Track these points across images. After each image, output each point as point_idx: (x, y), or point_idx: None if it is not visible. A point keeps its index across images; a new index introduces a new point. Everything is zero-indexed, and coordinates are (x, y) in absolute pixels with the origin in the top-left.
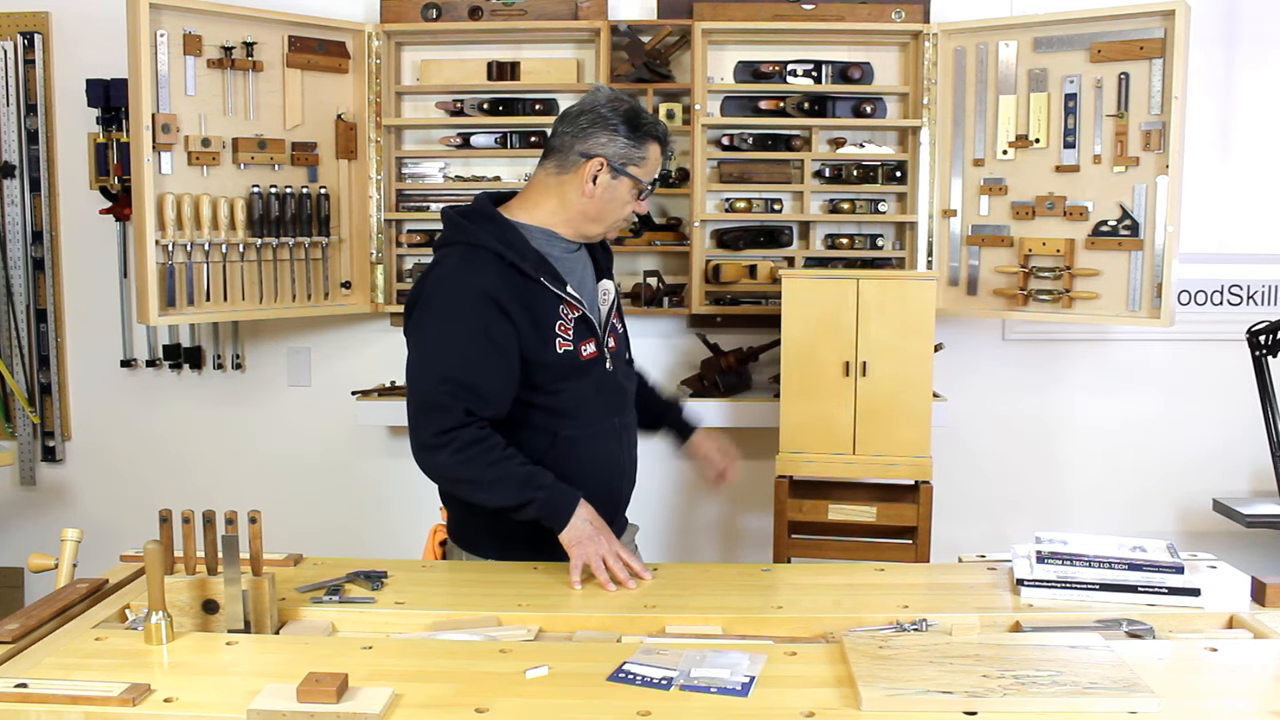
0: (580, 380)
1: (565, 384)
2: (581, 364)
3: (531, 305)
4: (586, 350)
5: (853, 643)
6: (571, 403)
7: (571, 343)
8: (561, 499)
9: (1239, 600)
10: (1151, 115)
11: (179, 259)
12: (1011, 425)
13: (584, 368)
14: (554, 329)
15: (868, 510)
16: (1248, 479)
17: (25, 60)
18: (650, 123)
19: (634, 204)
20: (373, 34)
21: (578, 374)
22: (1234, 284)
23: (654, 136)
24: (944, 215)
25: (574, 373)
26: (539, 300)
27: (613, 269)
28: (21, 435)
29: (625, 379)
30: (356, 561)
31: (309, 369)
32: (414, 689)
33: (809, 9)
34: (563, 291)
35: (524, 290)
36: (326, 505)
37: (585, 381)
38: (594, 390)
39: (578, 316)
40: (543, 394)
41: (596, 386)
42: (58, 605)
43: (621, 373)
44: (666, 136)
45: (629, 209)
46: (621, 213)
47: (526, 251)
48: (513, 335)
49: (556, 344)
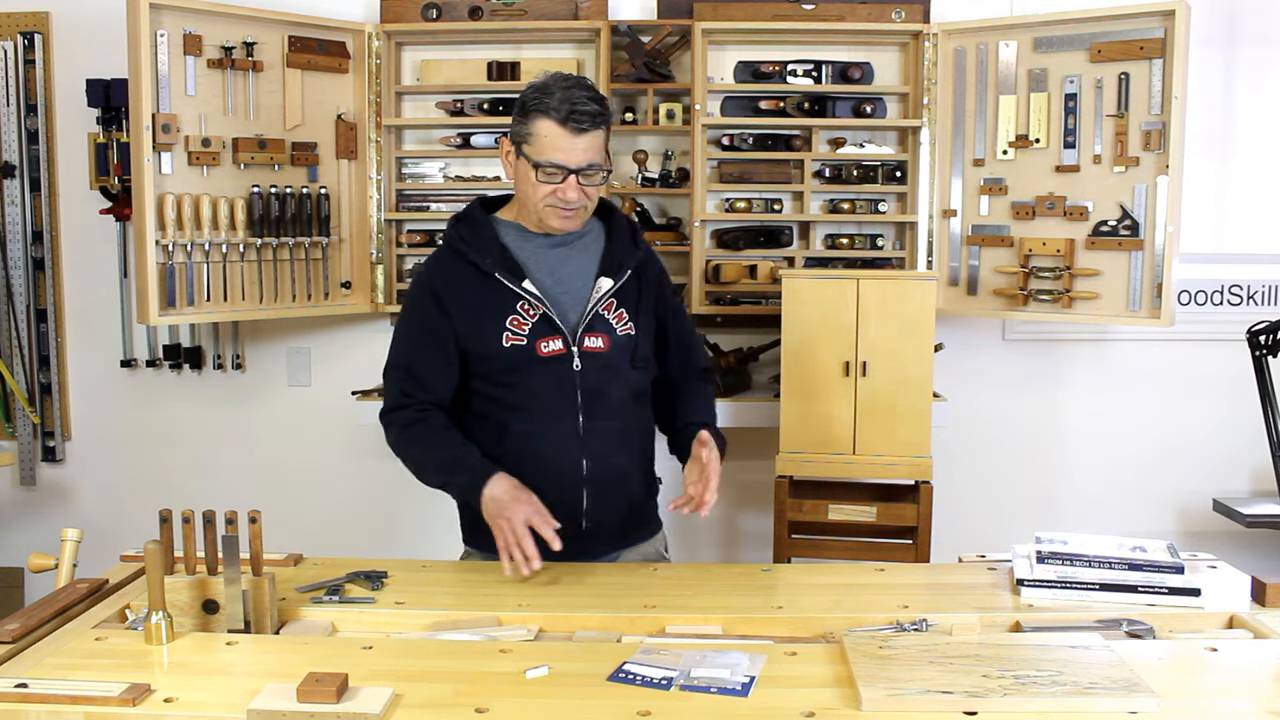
0: (533, 376)
1: (513, 377)
2: (537, 359)
3: (479, 300)
4: (547, 347)
5: (853, 643)
6: (522, 397)
7: (525, 337)
8: (479, 477)
9: (1239, 600)
10: (1151, 115)
11: (179, 259)
12: (1011, 425)
13: (540, 363)
14: (505, 322)
15: (868, 510)
16: (1248, 479)
17: (25, 60)
18: (536, 98)
19: (547, 187)
20: (373, 34)
21: (530, 369)
22: (1234, 284)
23: (540, 111)
24: (944, 215)
25: (524, 367)
26: (491, 294)
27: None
28: (21, 435)
29: (609, 381)
30: (356, 561)
31: (309, 369)
32: (414, 689)
33: (809, 9)
34: (518, 287)
35: (476, 285)
36: (326, 505)
37: (540, 378)
38: (553, 388)
39: (538, 313)
40: (490, 384)
41: (558, 384)
42: (58, 605)
43: (600, 374)
44: (564, 115)
45: (542, 192)
46: (535, 196)
47: (488, 249)
48: (449, 328)
49: (504, 337)
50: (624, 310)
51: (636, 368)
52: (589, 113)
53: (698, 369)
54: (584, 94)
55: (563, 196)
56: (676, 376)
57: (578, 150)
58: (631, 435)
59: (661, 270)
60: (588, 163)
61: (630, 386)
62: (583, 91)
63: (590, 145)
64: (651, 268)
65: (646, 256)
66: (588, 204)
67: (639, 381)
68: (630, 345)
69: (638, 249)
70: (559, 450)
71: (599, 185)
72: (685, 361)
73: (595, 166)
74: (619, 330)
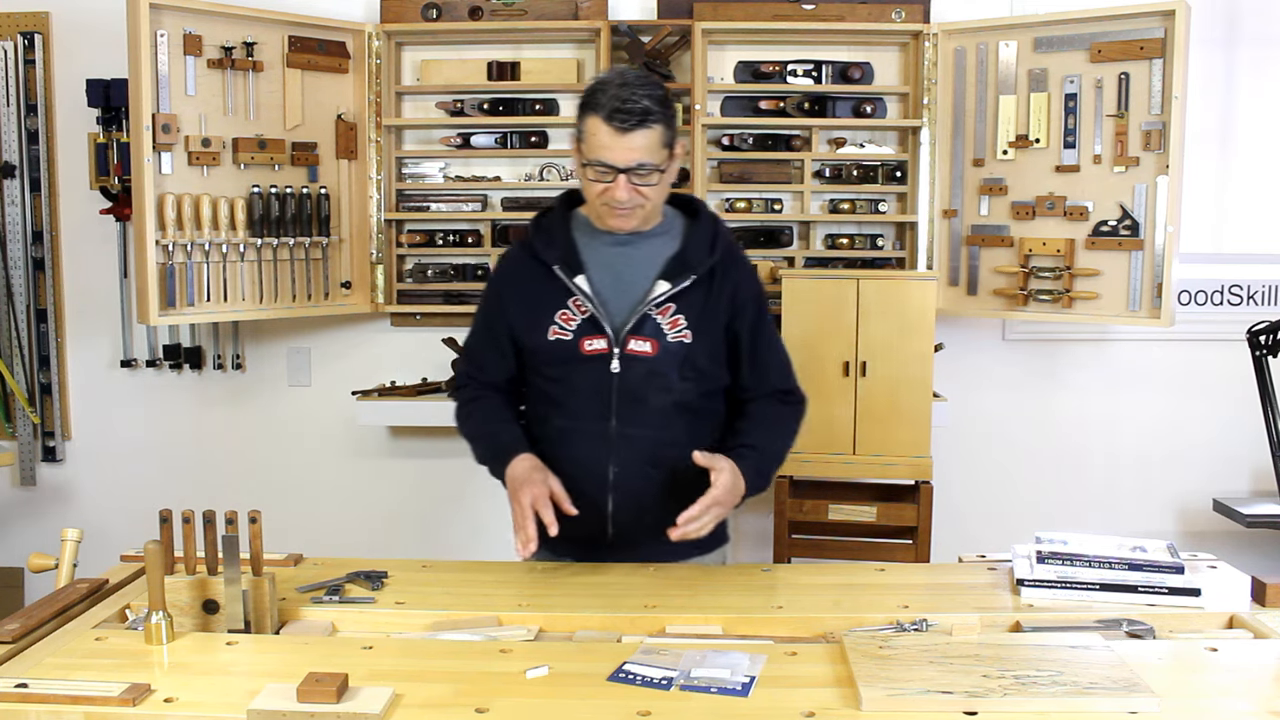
0: (574, 373)
1: (557, 372)
2: (579, 356)
3: (537, 292)
4: (591, 345)
5: (853, 643)
6: (563, 393)
7: (571, 333)
8: (506, 456)
9: (1239, 600)
10: (1151, 115)
11: (179, 259)
12: (1011, 425)
13: (582, 361)
14: (555, 316)
15: (868, 510)
16: (1248, 479)
17: (25, 60)
18: (589, 95)
19: (599, 185)
20: (373, 34)
21: (572, 366)
22: (1234, 284)
23: (590, 108)
24: (944, 215)
25: (567, 363)
26: (549, 287)
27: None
28: (21, 435)
29: (650, 388)
30: (356, 561)
31: (309, 369)
32: (414, 689)
33: (809, 9)
34: (571, 281)
35: (537, 278)
36: (326, 505)
37: (581, 376)
38: (591, 388)
39: (587, 309)
40: (540, 378)
41: (595, 385)
42: (58, 605)
43: (642, 380)
44: (609, 112)
45: (595, 191)
46: (590, 194)
47: (555, 240)
48: (504, 318)
49: (550, 331)
50: (681, 317)
51: (686, 378)
52: (636, 110)
53: (772, 390)
54: (639, 91)
55: (612, 196)
56: (746, 395)
57: (624, 149)
58: (670, 447)
59: (746, 282)
60: (637, 162)
61: (675, 396)
62: (638, 89)
63: (639, 144)
64: (730, 277)
65: (725, 264)
66: (644, 203)
67: (688, 392)
68: (681, 354)
69: (712, 254)
70: (587, 452)
71: (654, 185)
72: (758, 381)
73: (647, 166)
74: (670, 337)
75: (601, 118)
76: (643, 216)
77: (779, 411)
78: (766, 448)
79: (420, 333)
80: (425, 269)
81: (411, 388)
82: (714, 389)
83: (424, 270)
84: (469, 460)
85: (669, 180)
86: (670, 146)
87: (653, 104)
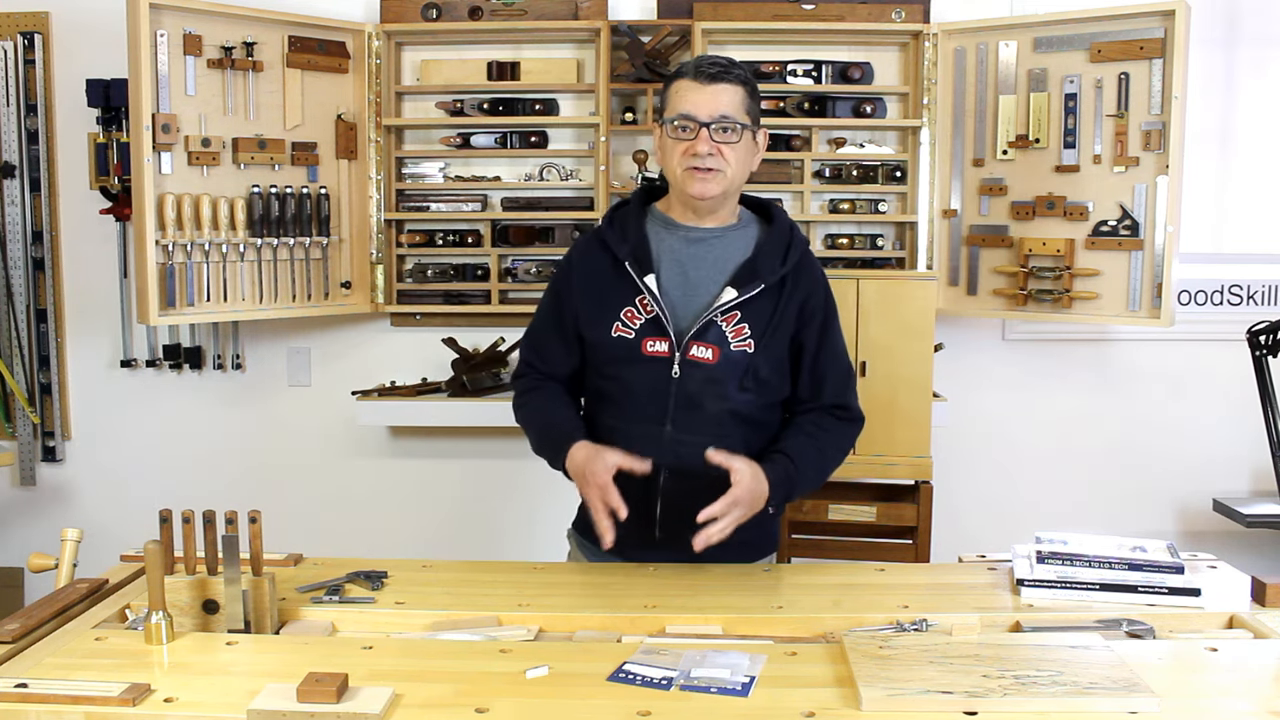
0: (634, 373)
1: (616, 369)
2: (640, 356)
3: (606, 286)
4: (653, 346)
5: (853, 643)
6: (619, 393)
7: (634, 331)
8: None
9: (1239, 600)
10: (1151, 115)
11: (179, 259)
12: (1011, 425)
13: (642, 361)
14: (620, 313)
15: (868, 510)
16: (1248, 479)
17: (25, 60)
18: (677, 69)
19: (681, 145)
20: (373, 34)
21: (632, 365)
22: (1234, 284)
23: (676, 75)
24: (944, 215)
25: (627, 362)
26: (618, 283)
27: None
28: (21, 435)
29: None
30: (356, 561)
31: (309, 369)
32: (414, 689)
33: (809, 9)
34: (640, 280)
35: (607, 272)
36: (326, 505)
37: (640, 377)
38: (648, 390)
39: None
40: (598, 375)
41: (653, 387)
42: (58, 605)
43: (701, 386)
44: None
45: (678, 153)
46: (673, 161)
47: (628, 234)
48: (571, 310)
49: (614, 328)
50: (746, 325)
51: (745, 388)
52: (720, 63)
53: (826, 404)
54: (722, 57)
55: (694, 151)
56: (799, 407)
57: (708, 100)
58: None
59: (817, 293)
60: (720, 113)
61: (732, 405)
62: (721, 57)
63: (722, 97)
64: (802, 287)
65: (796, 274)
66: (725, 167)
67: (746, 403)
68: (743, 363)
69: (784, 264)
70: (640, 454)
71: (736, 145)
72: (813, 393)
73: (730, 120)
74: (733, 345)
75: (688, 76)
76: (723, 186)
77: (826, 424)
78: (800, 458)
79: (420, 333)
80: (425, 269)
81: (411, 388)
82: (774, 401)
83: (424, 270)
84: (469, 460)
85: (750, 158)
86: (754, 122)
87: (736, 67)
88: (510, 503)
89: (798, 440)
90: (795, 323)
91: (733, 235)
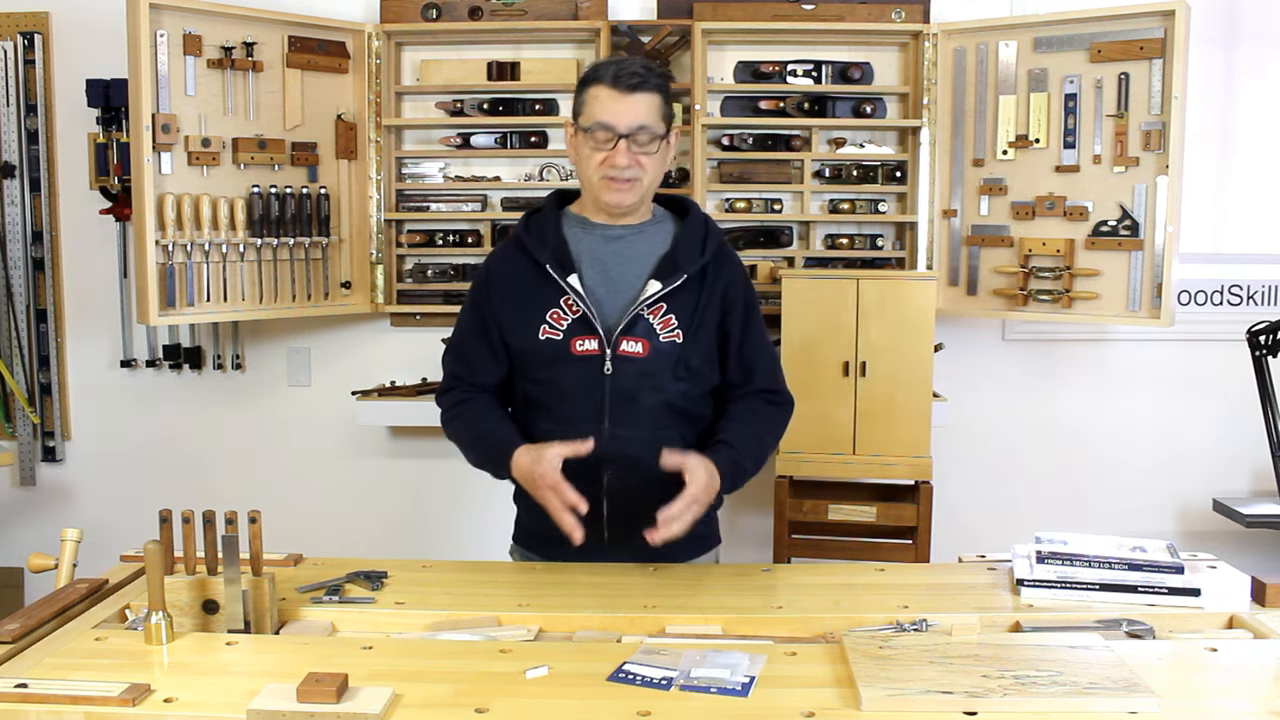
0: (565, 374)
1: (546, 373)
2: (570, 357)
3: (528, 290)
4: (582, 345)
5: (853, 643)
6: (552, 397)
7: (562, 332)
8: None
9: (1239, 600)
10: (1151, 115)
11: (179, 259)
12: (1011, 425)
13: (572, 362)
14: (546, 316)
15: (868, 510)
16: (1248, 479)
17: (25, 60)
18: (589, 71)
19: (599, 155)
20: (373, 34)
21: (562, 367)
22: (1234, 284)
23: (591, 79)
24: (944, 215)
25: (557, 364)
26: (540, 286)
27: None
28: (21, 435)
29: (642, 389)
30: (356, 561)
31: (309, 369)
32: (414, 689)
33: (809, 9)
34: (563, 280)
35: (528, 277)
36: (326, 505)
37: (571, 377)
38: (582, 390)
39: (579, 309)
40: (527, 380)
41: (587, 386)
42: (58, 605)
43: (634, 380)
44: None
45: (595, 162)
46: (589, 169)
47: (546, 238)
48: (494, 318)
49: (541, 330)
50: (673, 316)
51: (679, 378)
52: (638, 72)
53: (757, 389)
54: (639, 63)
55: (612, 163)
56: (731, 394)
57: (627, 110)
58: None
59: (737, 280)
60: (638, 124)
61: (667, 396)
62: (637, 63)
63: (640, 107)
64: (722, 275)
65: (717, 263)
66: (642, 175)
67: (681, 394)
68: (674, 354)
69: (703, 254)
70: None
71: (653, 155)
72: (744, 379)
73: (648, 130)
74: (662, 337)
75: (605, 82)
76: (640, 193)
77: (761, 410)
78: (744, 445)
79: (420, 333)
80: (425, 269)
81: (411, 388)
82: (706, 390)
83: (424, 270)
84: None
85: (664, 162)
86: (668, 124)
87: (652, 73)
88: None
89: (738, 428)
90: (719, 310)
91: (650, 230)
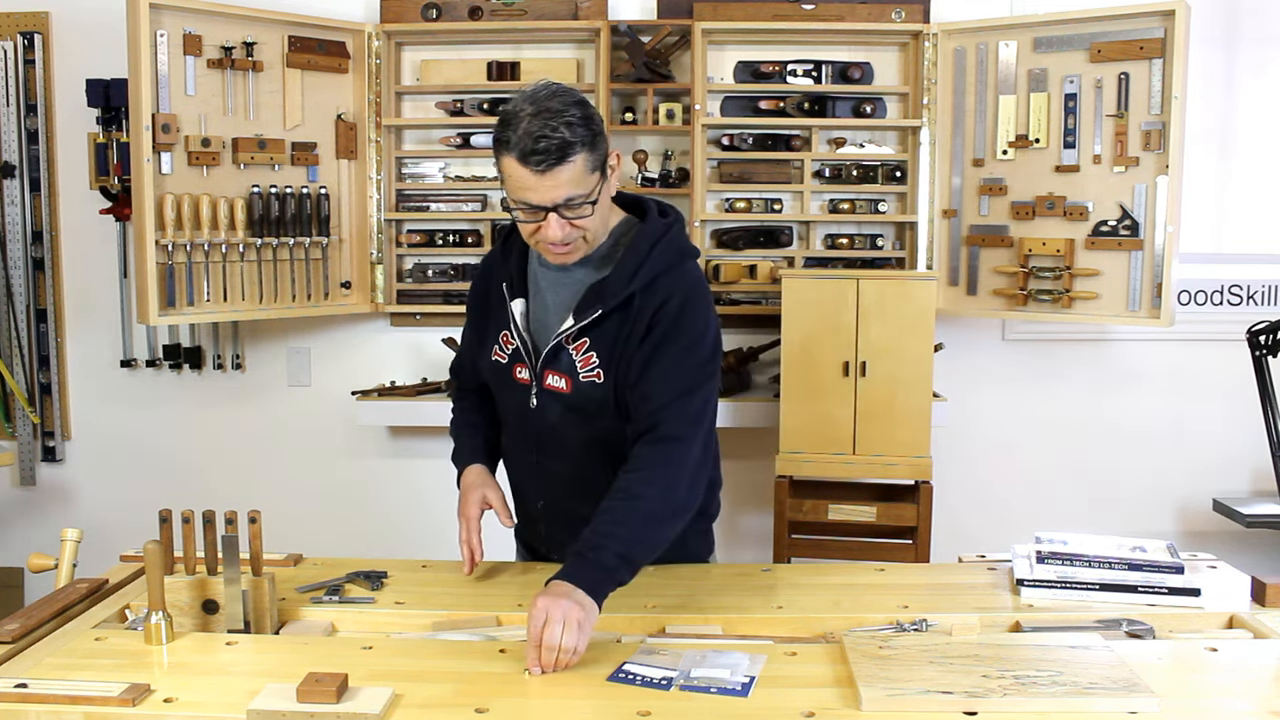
0: (507, 397)
1: (498, 393)
2: (511, 382)
3: (489, 308)
4: (520, 374)
5: (853, 643)
6: (504, 414)
7: (507, 356)
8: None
9: (1239, 600)
10: (1151, 115)
11: (179, 259)
12: (1011, 425)
13: (511, 388)
14: (498, 336)
15: (868, 510)
16: (1248, 479)
17: (25, 60)
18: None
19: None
20: (373, 34)
21: (505, 390)
22: (1234, 284)
23: (503, 146)
24: (944, 215)
25: (501, 387)
26: (499, 306)
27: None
28: (21, 435)
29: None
30: (356, 561)
31: (309, 369)
32: (414, 689)
33: (809, 9)
34: (509, 304)
35: (492, 293)
36: (326, 505)
37: (511, 401)
38: (517, 416)
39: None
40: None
41: (520, 414)
42: (58, 605)
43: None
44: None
45: (527, 231)
46: (524, 233)
47: (509, 257)
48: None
49: (493, 351)
50: (595, 354)
51: (603, 414)
52: (551, 149)
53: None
54: (552, 121)
55: (546, 235)
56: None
57: (547, 189)
58: (594, 484)
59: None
60: (564, 198)
61: (593, 433)
62: (550, 120)
63: (562, 180)
64: (651, 302)
65: (647, 292)
66: (584, 233)
67: (607, 430)
68: (593, 394)
69: (630, 283)
70: (520, 478)
71: (589, 215)
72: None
73: (576, 200)
74: (582, 376)
75: (516, 159)
76: (584, 249)
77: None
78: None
79: (420, 333)
80: (425, 269)
81: (411, 388)
82: None
83: (424, 270)
84: None
85: (607, 200)
86: (601, 169)
87: (570, 133)
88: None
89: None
90: (640, 339)
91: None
